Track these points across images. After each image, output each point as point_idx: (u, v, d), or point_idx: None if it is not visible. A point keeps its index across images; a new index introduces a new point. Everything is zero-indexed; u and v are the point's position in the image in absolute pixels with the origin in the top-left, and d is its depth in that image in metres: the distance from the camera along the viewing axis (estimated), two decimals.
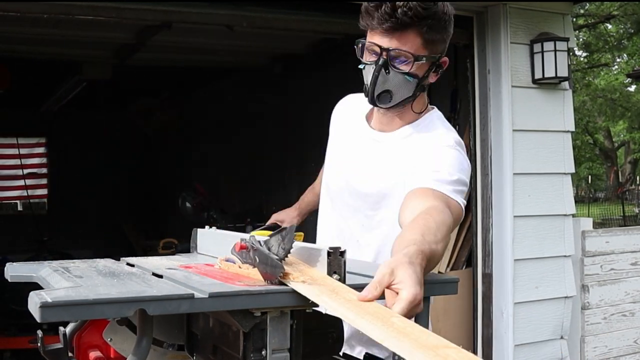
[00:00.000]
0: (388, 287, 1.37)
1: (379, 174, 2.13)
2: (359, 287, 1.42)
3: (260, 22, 3.94)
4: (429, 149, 2.05)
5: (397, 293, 1.35)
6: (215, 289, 1.46)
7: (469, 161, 2.10)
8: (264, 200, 7.75)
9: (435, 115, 2.21)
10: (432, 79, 2.12)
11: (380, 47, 2.01)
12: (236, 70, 7.52)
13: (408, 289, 1.34)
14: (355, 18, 1.95)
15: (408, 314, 1.31)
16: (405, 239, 1.61)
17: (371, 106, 2.17)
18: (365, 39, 2.07)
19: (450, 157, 2.02)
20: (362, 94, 2.14)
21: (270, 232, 1.72)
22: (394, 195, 2.06)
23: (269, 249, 1.58)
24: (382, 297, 1.39)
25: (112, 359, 2.24)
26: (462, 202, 1.96)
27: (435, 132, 2.13)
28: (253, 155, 8.07)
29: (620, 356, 4.85)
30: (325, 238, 2.31)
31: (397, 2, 1.94)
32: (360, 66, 2.11)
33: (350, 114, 2.32)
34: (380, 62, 2.02)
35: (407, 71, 2.03)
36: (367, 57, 2.07)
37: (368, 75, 2.06)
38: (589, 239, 4.67)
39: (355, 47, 2.12)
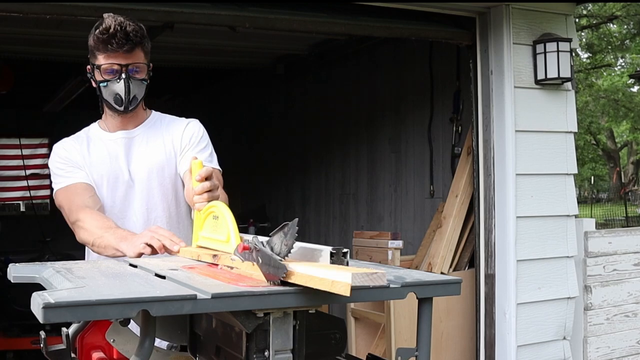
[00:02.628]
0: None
1: (148, 159, 2.64)
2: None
3: (262, 23, 3.94)
4: (180, 129, 2.70)
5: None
6: (218, 290, 1.46)
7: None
8: (266, 201, 7.76)
9: (157, 112, 2.80)
10: (148, 79, 2.62)
11: (120, 64, 2.50)
12: (239, 70, 7.52)
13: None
14: (357, 19, 1.96)
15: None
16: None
17: (94, 129, 2.70)
18: (98, 63, 2.52)
19: (198, 129, 2.71)
20: (72, 137, 2.69)
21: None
22: (165, 170, 2.64)
23: (271, 249, 1.58)
24: None
25: None
26: (218, 167, 2.63)
27: (172, 119, 2.77)
28: (255, 156, 8.07)
29: (623, 357, 4.85)
30: (137, 222, 2.64)
31: (127, 29, 2.46)
32: (102, 84, 2.54)
33: (82, 145, 2.67)
34: (124, 76, 2.52)
35: (142, 77, 2.57)
36: (106, 76, 2.53)
37: (119, 87, 2.53)
38: (592, 240, 4.67)
39: (90, 72, 2.58)
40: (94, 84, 2.60)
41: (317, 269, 1.47)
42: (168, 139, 2.68)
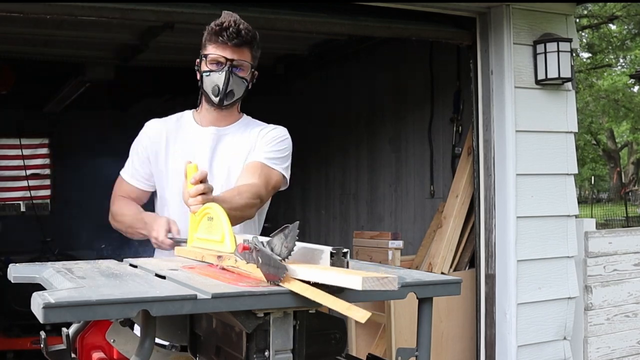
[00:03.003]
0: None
1: (227, 158, 2.69)
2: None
3: (263, 23, 3.93)
4: (260, 133, 2.72)
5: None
6: (218, 290, 1.46)
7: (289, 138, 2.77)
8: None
9: (249, 117, 2.83)
10: (250, 86, 2.71)
11: (226, 58, 2.59)
12: None
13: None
14: (357, 19, 1.98)
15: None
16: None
17: (187, 117, 2.78)
18: (210, 52, 2.61)
19: (276, 135, 2.73)
20: (164, 119, 2.78)
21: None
22: (236, 171, 2.67)
23: (271, 250, 1.58)
24: None
25: None
26: (282, 170, 2.70)
27: (258, 123, 2.81)
28: None
29: (623, 357, 4.85)
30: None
31: (240, 26, 2.58)
32: (205, 73, 2.63)
33: (169, 129, 2.77)
34: (227, 69, 2.59)
35: (244, 76, 2.64)
36: (211, 67, 2.62)
37: (220, 78, 2.60)
38: (592, 240, 4.67)
39: (200, 60, 2.65)
40: (198, 76, 2.68)
41: (326, 273, 1.47)
42: (252, 140, 2.71)
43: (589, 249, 4.64)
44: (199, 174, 2.19)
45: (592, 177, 27.94)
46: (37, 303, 1.32)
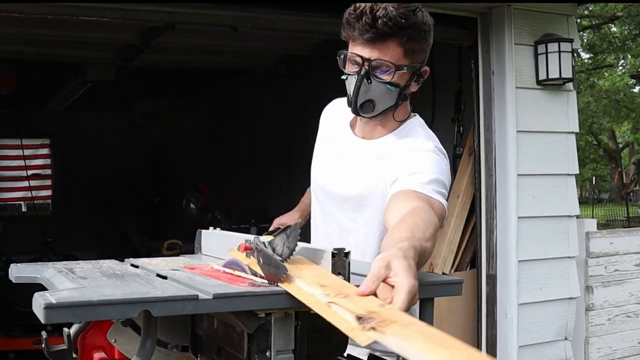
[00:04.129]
0: (384, 280, 1.36)
1: (361, 177, 2.19)
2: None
3: (264, 23, 3.94)
4: (409, 153, 2.10)
5: (392, 286, 1.34)
6: (220, 290, 1.46)
7: (449, 166, 2.15)
8: (268, 202, 7.76)
9: (417, 123, 2.27)
10: (414, 88, 2.21)
11: (362, 57, 2.06)
12: (240, 71, 7.52)
13: (405, 280, 1.33)
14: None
15: (408, 305, 1.31)
16: (395, 236, 1.61)
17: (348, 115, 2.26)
18: (347, 50, 2.11)
19: (429, 160, 2.08)
20: (343, 104, 2.25)
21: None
22: (374, 198, 2.13)
23: (273, 250, 1.58)
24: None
25: None
26: (445, 202, 2.02)
27: (415, 138, 2.19)
28: (257, 156, 8.07)
29: (625, 357, 4.85)
30: (314, 238, 2.36)
31: (377, 13, 1.99)
32: (343, 77, 2.15)
33: (336, 118, 2.38)
34: (362, 72, 2.07)
35: (388, 80, 2.09)
36: (350, 68, 2.12)
37: (351, 85, 2.11)
38: (593, 240, 4.67)
39: (338, 58, 2.15)
40: None
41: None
42: (390, 167, 2.11)
43: (590, 249, 4.64)
44: (370, 288, 1.36)
45: (593, 178, 27.93)
46: (38, 303, 1.32)
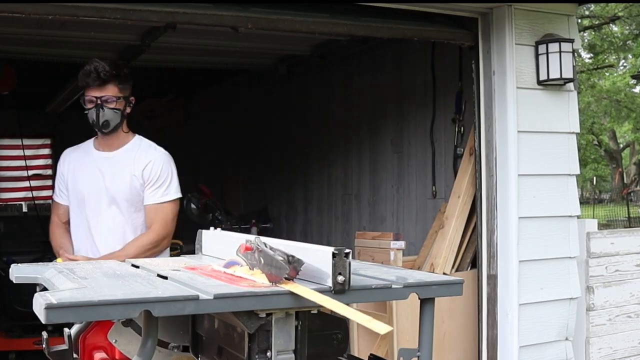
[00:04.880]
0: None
1: (117, 180, 3.42)
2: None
3: (265, 24, 3.94)
4: (147, 159, 3.45)
5: None
6: (220, 290, 1.46)
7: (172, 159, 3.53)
8: (269, 202, 7.76)
9: (141, 137, 3.57)
10: (128, 110, 3.50)
11: (95, 97, 3.38)
12: (241, 71, 7.52)
13: None
14: (359, 19, 1.97)
15: None
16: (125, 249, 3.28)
17: (91, 141, 3.58)
18: (84, 95, 3.44)
19: (160, 161, 3.48)
20: (77, 145, 3.64)
21: None
22: (125, 193, 3.43)
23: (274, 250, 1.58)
24: None
25: None
26: (175, 195, 3.60)
27: (148, 146, 3.53)
28: (258, 156, 8.07)
29: (625, 357, 4.84)
30: (78, 236, 3.58)
31: (99, 69, 3.35)
32: (85, 112, 3.41)
33: (77, 154, 3.59)
34: (98, 104, 3.38)
35: (114, 107, 3.40)
36: (89, 105, 3.41)
37: (92, 115, 3.40)
38: (594, 240, 4.66)
39: (80, 101, 3.48)
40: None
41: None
42: (136, 170, 3.42)
43: (591, 250, 4.64)
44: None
45: (594, 178, 27.94)
46: (39, 303, 1.32)
